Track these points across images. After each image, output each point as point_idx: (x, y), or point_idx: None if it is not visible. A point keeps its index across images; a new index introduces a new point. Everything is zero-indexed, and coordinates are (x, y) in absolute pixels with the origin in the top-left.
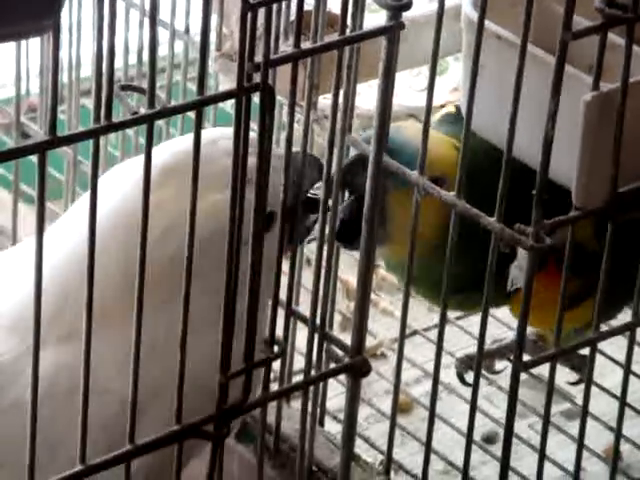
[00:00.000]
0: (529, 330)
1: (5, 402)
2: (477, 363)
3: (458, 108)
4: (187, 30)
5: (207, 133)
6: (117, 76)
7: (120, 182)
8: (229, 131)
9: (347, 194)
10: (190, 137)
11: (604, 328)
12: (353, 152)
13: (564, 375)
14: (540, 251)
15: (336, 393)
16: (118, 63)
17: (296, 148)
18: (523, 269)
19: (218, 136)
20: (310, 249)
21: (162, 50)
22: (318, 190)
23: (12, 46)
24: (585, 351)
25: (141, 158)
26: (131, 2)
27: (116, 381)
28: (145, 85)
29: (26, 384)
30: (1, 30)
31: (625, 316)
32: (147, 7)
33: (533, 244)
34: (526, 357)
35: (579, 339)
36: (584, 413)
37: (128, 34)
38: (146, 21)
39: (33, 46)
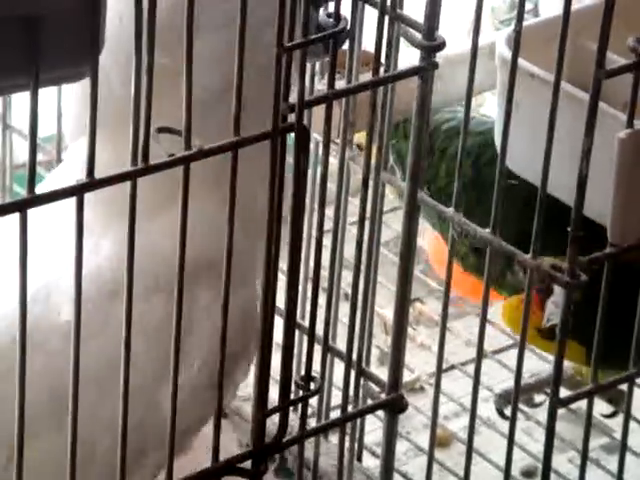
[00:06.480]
0: (566, 364)
1: None
2: (514, 398)
3: None
4: None
5: None
6: None
7: None
8: None
9: None
10: None
11: None
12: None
13: (600, 407)
14: (576, 287)
15: (374, 427)
16: None
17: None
18: (559, 305)
19: None
20: (347, 281)
21: None
22: None
23: None
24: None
25: None
26: None
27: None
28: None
29: None
30: (40, 76)
31: None
32: None
33: (569, 281)
34: (564, 390)
35: (617, 375)
36: (623, 448)
37: None
38: None
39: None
